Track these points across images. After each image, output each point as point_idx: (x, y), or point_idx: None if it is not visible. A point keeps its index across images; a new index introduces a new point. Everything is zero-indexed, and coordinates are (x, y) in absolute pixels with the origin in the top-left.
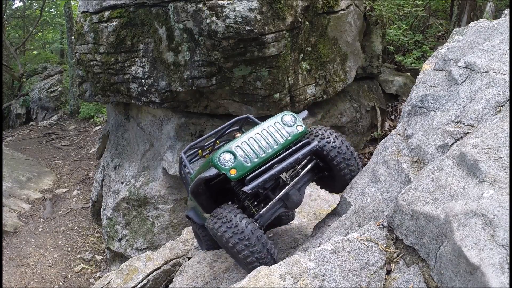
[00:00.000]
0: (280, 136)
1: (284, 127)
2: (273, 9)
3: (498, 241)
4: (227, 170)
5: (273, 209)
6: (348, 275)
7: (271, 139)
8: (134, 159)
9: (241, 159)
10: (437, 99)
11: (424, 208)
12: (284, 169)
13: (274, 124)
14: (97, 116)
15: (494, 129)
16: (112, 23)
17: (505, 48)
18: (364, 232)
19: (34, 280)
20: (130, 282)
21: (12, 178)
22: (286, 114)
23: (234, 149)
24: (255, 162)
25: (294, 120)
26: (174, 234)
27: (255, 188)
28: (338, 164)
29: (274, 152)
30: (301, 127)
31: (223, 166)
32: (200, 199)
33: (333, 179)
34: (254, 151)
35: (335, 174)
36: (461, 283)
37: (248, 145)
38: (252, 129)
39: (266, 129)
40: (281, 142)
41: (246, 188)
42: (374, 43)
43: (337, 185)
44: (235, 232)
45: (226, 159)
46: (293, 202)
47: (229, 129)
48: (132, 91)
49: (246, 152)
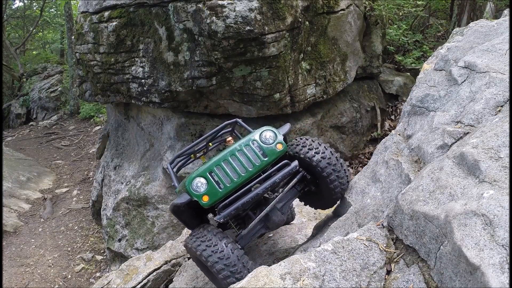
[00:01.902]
0: (256, 156)
1: (262, 146)
2: (273, 9)
3: (498, 241)
4: (199, 196)
5: (253, 230)
6: (348, 275)
7: (246, 161)
8: (134, 159)
9: (214, 184)
10: (437, 99)
11: (424, 208)
12: (258, 195)
13: (252, 142)
14: (97, 116)
15: (494, 129)
16: (112, 23)
17: (505, 48)
18: (364, 232)
19: (34, 280)
20: (130, 282)
21: (12, 178)
22: (265, 130)
23: (208, 173)
24: (228, 188)
25: (274, 137)
26: (174, 234)
27: (226, 216)
28: (328, 176)
29: (249, 176)
30: (280, 145)
31: (195, 193)
32: (182, 217)
33: (320, 194)
34: (228, 175)
35: (323, 188)
36: (461, 283)
37: (222, 169)
38: (228, 149)
39: (243, 149)
40: (257, 164)
41: (217, 218)
42: (374, 43)
43: (324, 201)
44: (214, 251)
45: (199, 184)
46: (273, 223)
47: (218, 134)
48: (132, 91)
49: (220, 176)
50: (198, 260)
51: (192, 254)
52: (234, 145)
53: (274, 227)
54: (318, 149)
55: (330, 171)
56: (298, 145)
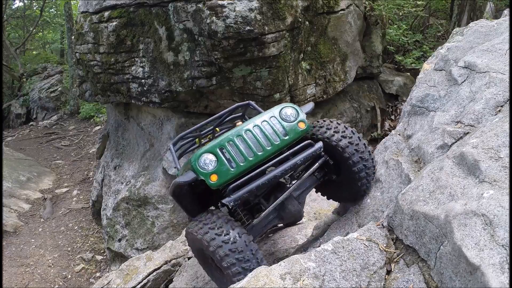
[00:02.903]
0: (276, 134)
1: (282, 123)
2: (273, 9)
3: (498, 241)
4: (207, 175)
5: (265, 220)
6: (348, 275)
7: (264, 138)
8: (134, 159)
9: (225, 162)
10: (437, 99)
11: (424, 208)
12: (276, 177)
13: (270, 119)
14: (97, 116)
15: (494, 129)
16: (112, 23)
17: (505, 48)
18: (364, 232)
19: (34, 280)
20: (130, 282)
21: (12, 178)
22: (286, 106)
23: (218, 149)
24: (242, 167)
25: (295, 115)
26: (174, 234)
27: (238, 200)
28: (355, 164)
29: (267, 155)
30: (303, 124)
31: (202, 170)
32: (183, 202)
33: (341, 185)
34: (242, 152)
35: (346, 178)
36: (461, 283)
37: (236, 145)
38: (243, 125)
39: (260, 125)
40: (276, 142)
41: (228, 200)
42: (374, 43)
43: (346, 192)
44: (226, 242)
45: (207, 161)
46: (289, 213)
47: (229, 117)
48: (132, 91)
49: (232, 153)
50: (199, 251)
51: (195, 243)
52: (250, 120)
53: (289, 218)
54: (344, 133)
55: (358, 159)
56: (322, 127)
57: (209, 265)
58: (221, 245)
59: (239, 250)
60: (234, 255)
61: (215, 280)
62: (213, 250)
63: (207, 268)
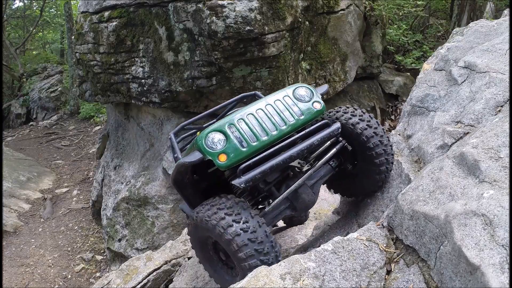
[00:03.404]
0: (290, 114)
1: (297, 103)
2: (273, 9)
3: (498, 241)
4: (215, 155)
5: (277, 210)
6: (348, 275)
7: (278, 117)
8: (134, 159)
9: (235, 142)
10: (437, 99)
11: (424, 208)
12: (292, 158)
13: (284, 98)
14: (97, 116)
15: (494, 129)
16: (112, 23)
17: (505, 48)
18: (364, 232)
19: (34, 280)
20: (130, 282)
21: (12, 178)
22: (300, 86)
23: (227, 128)
24: (254, 147)
25: (310, 95)
26: (174, 234)
27: (250, 181)
28: (374, 149)
29: (281, 135)
30: (318, 104)
31: (210, 150)
32: (185, 192)
33: (357, 176)
34: (254, 132)
35: (363, 166)
36: (461, 283)
37: (247, 124)
38: (254, 104)
39: (272, 104)
40: (290, 122)
41: (238, 181)
42: (374, 43)
43: (362, 183)
44: (245, 230)
45: (215, 140)
46: (303, 203)
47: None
48: (132, 91)
49: (243, 132)
50: (202, 241)
51: (201, 230)
52: (261, 99)
53: (302, 208)
54: (362, 117)
55: (377, 142)
56: (339, 112)
57: (209, 259)
58: (240, 233)
59: (259, 240)
60: (254, 245)
61: (217, 276)
62: (229, 238)
63: (207, 262)
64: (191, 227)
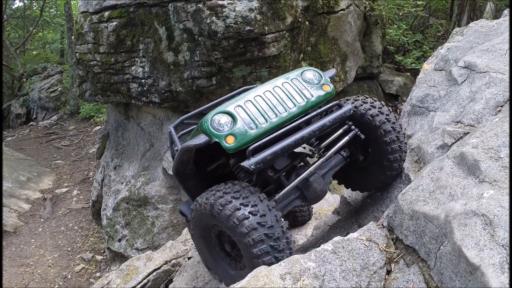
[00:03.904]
0: (299, 95)
1: (306, 85)
2: (273, 9)
3: (498, 241)
4: (222, 137)
5: (286, 200)
6: (348, 275)
7: (287, 99)
8: (134, 159)
9: (243, 123)
10: (437, 99)
11: (424, 208)
12: (304, 139)
13: (292, 80)
14: (97, 116)
15: (494, 129)
16: (112, 23)
17: (505, 48)
18: (364, 232)
19: (34, 280)
20: (130, 282)
21: (12, 178)
22: (307, 69)
23: (234, 109)
24: (263, 129)
25: (319, 78)
26: (174, 234)
27: (260, 163)
28: (390, 144)
29: (291, 117)
30: (327, 87)
31: (217, 132)
32: (187, 183)
33: (367, 168)
34: (262, 113)
35: (376, 159)
36: (461, 283)
37: (254, 106)
38: (260, 86)
39: (280, 86)
40: (300, 103)
41: (248, 163)
42: (374, 43)
43: (372, 177)
44: (253, 213)
45: (222, 122)
46: (314, 193)
47: None
48: (132, 91)
49: (251, 114)
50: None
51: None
52: (267, 82)
53: (313, 199)
54: (381, 109)
55: (394, 138)
56: (357, 100)
57: (212, 252)
58: (256, 227)
59: (275, 236)
60: (270, 241)
61: (219, 271)
62: (245, 232)
63: (210, 255)
64: (199, 213)
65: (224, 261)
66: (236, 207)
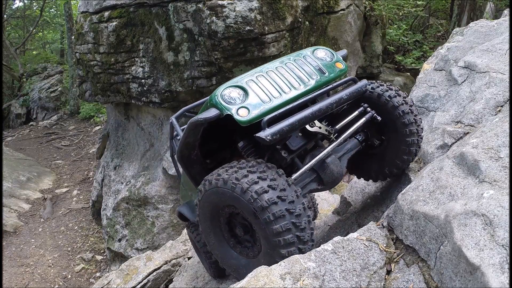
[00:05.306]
0: (312, 71)
1: (318, 62)
2: (273, 9)
3: (498, 241)
4: (234, 110)
5: (301, 182)
6: (348, 275)
7: (301, 73)
8: (134, 159)
9: (256, 96)
10: (437, 99)
11: (424, 208)
12: (321, 111)
13: (303, 57)
14: (97, 116)
15: (494, 129)
16: (112, 23)
17: (505, 48)
18: (364, 232)
19: (34, 280)
20: (130, 282)
21: (12, 178)
22: (318, 48)
23: (245, 83)
24: (277, 102)
25: (331, 56)
26: (174, 234)
27: (277, 134)
28: (408, 126)
29: (305, 91)
30: (340, 64)
31: (228, 105)
32: (192, 170)
33: (382, 154)
34: (276, 87)
35: (392, 144)
36: (461, 283)
37: (267, 80)
38: (271, 62)
39: (293, 62)
40: (314, 78)
41: (264, 134)
42: (374, 43)
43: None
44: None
45: (233, 95)
46: (331, 175)
47: None
48: (132, 91)
49: (264, 88)
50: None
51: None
52: (278, 59)
53: (330, 182)
54: (399, 92)
55: (412, 120)
56: (373, 83)
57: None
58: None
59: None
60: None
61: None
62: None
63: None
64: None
65: (234, 249)
66: (253, 180)
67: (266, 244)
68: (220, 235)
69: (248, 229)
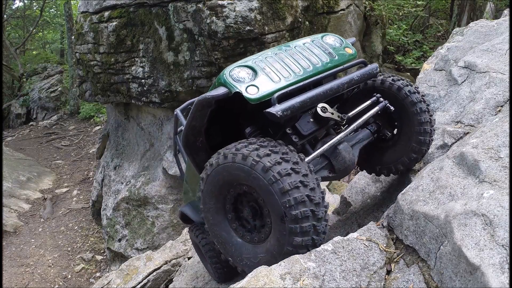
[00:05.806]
0: (323, 53)
1: (328, 46)
2: (273, 9)
3: (498, 241)
4: (243, 88)
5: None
6: (348, 275)
7: (310, 56)
8: (134, 159)
9: (266, 76)
10: (437, 99)
11: (424, 208)
12: (333, 90)
13: (313, 42)
14: (97, 116)
15: (494, 129)
16: (112, 23)
17: (505, 48)
18: (364, 232)
19: (34, 280)
20: (130, 282)
21: (12, 178)
22: (327, 34)
23: (255, 63)
24: (288, 81)
25: (340, 42)
26: (174, 234)
27: (288, 110)
28: (420, 114)
29: (316, 72)
30: (350, 50)
31: (237, 83)
32: (197, 157)
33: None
34: (286, 68)
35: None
36: (461, 283)
37: (277, 60)
38: (279, 45)
39: (301, 45)
40: (325, 60)
41: (274, 109)
42: (374, 43)
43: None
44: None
45: (242, 74)
46: (343, 163)
47: None
48: (132, 91)
49: (274, 68)
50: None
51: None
52: (287, 43)
53: (341, 170)
54: (409, 83)
55: (425, 109)
56: (384, 74)
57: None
58: (299, 186)
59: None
60: (311, 206)
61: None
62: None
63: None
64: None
65: (236, 233)
66: (277, 160)
67: (278, 230)
68: (221, 214)
69: (256, 212)
